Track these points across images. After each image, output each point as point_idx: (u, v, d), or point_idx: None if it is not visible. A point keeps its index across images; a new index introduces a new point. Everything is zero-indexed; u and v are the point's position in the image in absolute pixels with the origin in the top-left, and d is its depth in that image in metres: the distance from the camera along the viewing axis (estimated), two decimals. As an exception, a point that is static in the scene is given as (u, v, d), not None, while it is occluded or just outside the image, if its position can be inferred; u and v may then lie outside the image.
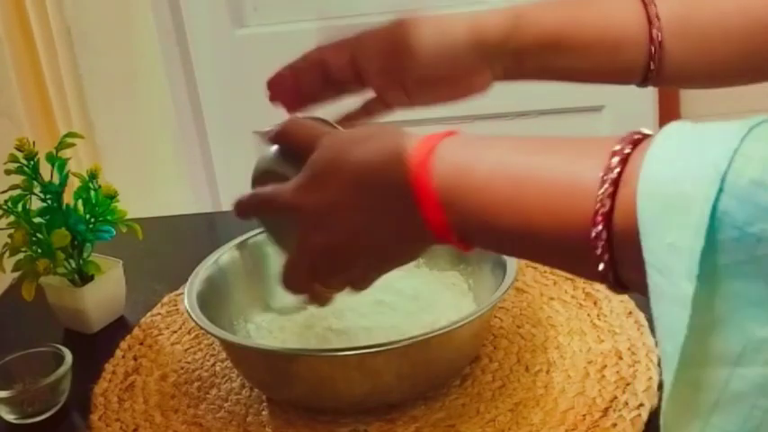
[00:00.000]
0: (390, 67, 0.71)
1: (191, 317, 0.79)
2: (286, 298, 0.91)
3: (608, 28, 0.71)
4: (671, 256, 0.40)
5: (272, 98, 0.73)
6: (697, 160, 0.40)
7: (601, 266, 0.46)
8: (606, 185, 0.45)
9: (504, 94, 0.85)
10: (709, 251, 0.39)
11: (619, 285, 0.47)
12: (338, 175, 0.58)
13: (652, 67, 0.71)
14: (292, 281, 0.64)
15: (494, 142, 0.53)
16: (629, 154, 0.45)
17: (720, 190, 0.38)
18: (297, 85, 0.73)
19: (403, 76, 0.72)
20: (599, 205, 0.45)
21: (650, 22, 0.70)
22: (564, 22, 0.71)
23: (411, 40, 0.70)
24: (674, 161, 0.41)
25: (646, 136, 0.46)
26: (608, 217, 0.45)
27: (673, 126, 0.44)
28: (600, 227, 0.45)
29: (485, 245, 0.55)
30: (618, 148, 0.45)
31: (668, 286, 0.40)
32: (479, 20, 0.71)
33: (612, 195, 0.44)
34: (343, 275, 0.62)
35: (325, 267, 0.61)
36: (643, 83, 0.74)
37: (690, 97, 1.71)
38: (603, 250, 0.45)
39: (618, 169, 0.44)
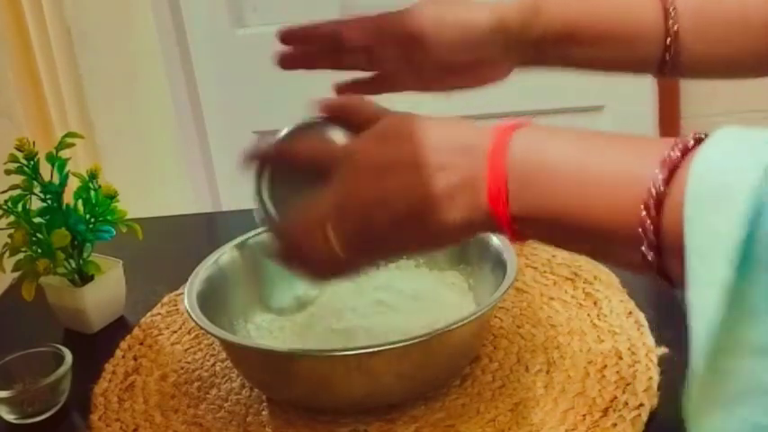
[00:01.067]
0: (409, 50, 0.72)
1: (191, 317, 0.79)
2: (285, 299, 0.92)
3: (625, 20, 0.72)
4: (711, 240, 0.40)
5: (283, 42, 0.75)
6: (745, 156, 0.41)
7: (648, 254, 0.47)
8: (661, 174, 0.45)
9: (504, 95, 0.85)
10: (748, 242, 0.39)
11: (664, 277, 0.48)
12: (412, 137, 0.56)
13: (667, 58, 0.71)
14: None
15: (563, 134, 0.54)
16: (687, 150, 0.46)
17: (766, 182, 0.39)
18: (305, 44, 0.74)
19: (421, 61, 0.72)
20: (651, 194, 0.46)
21: (666, 14, 0.70)
22: (582, 13, 0.72)
23: (434, 25, 0.71)
24: (725, 156, 0.43)
25: (701, 139, 0.46)
26: (659, 207, 0.46)
27: (723, 130, 0.45)
28: (649, 219, 0.46)
29: (536, 235, 0.55)
30: (677, 142, 0.46)
31: (705, 270, 0.41)
32: (501, 9, 0.72)
33: (666, 181, 0.45)
34: (382, 239, 0.58)
35: (369, 222, 0.57)
36: (659, 74, 0.74)
37: (690, 97, 1.72)
38: (651, 239, 0.46)
39: (676, 157, 0.46)
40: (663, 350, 0.81)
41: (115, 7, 1.71)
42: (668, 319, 0.87)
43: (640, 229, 0.46)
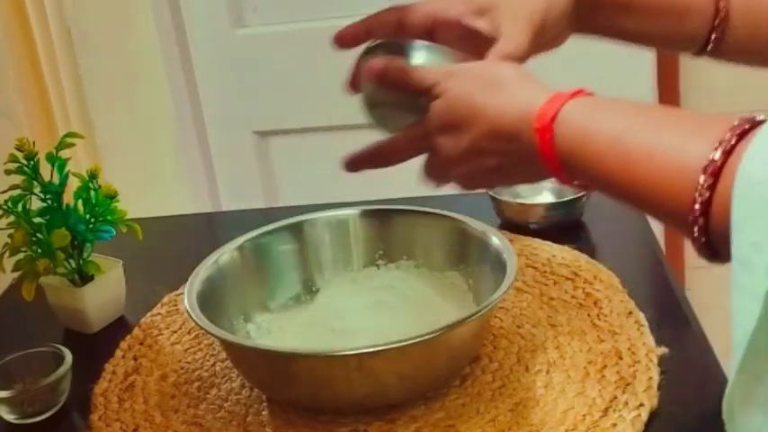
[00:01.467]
0: (476, 33, 0.73)
1: (191, 317, 0.79)
2: (285, 299, 0.92)
3: None
4: (753, 252, 0.42)
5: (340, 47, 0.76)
6: None
7: (697, 245, 0.50)
8: (707, 177, 0.48)
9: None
10: None
11: (715, 258, 0.51)
12: (474, 126, 0.64)
13: (714, 36, 0.72)
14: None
15: (616, 108, 0.59)
16: (734, 145, 0.48)
17: None
18: (366, 37, 0.75)
19: (486, 41, 0.72)
20: (698, 195, 0.49)
21: None
22: None
23: (511, 9, 0.72)
24: None
25: (756, 124, 0.48)
26: (706, 206, 0.49)
27: None
28: (697, 214, 0.49)
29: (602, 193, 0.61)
30: (725, 137, 0.48)
31: (747, 279, 0.43)
32: None
33: (712, 187, 0.48)
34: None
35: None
36: (701, 53, 0.76)
37: (690, 97, 1.72)
38: (700, 233, 0.49)
39: (720, 161, 0.48)
40: (663, 350, 0.81)
41: (115, 7, 1.71)
42: (668, 319, 0.87)
43: (693, 231, 0.50)
